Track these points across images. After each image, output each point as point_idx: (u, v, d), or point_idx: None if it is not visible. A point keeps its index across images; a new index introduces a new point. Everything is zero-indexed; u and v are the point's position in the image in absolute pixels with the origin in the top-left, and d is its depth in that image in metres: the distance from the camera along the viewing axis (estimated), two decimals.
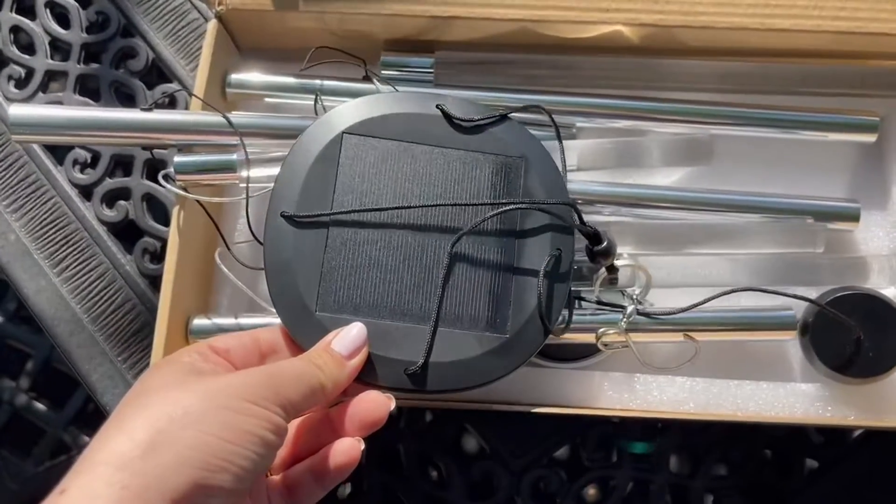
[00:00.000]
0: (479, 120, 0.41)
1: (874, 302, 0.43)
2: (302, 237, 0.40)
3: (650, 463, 0.47)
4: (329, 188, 0.40)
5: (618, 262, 0.42)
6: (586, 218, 0.45)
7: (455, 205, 0.40)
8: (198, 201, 0.44)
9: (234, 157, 0.43)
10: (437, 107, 0.41)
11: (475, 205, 0.40)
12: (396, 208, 0.40)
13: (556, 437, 0.48)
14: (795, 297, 0.42)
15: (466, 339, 0.40)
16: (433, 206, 0.40)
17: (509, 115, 0.42)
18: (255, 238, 0.43)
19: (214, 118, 0.43)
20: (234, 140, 0.43)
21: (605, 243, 0.41)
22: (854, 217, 0.46)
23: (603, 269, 0.42)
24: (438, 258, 0.40)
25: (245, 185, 0.43)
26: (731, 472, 0.47)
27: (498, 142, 0.42)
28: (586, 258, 0.42)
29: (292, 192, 0.40)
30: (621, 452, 0.48)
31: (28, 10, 0.57)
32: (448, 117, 0.41)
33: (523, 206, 0.40)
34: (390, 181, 0.40)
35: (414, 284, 0.40)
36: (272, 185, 0.43)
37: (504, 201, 0.40)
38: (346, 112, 0.41)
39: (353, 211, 0.40)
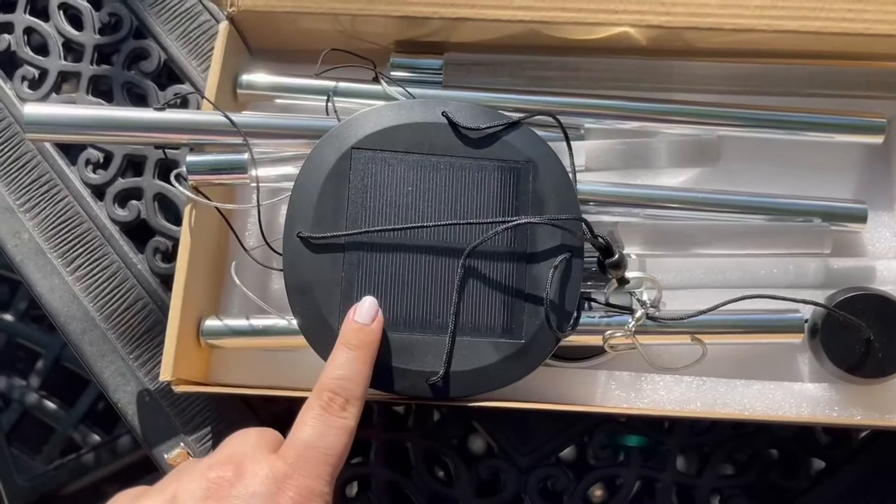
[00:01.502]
0: (484, 128, 0.42)
1: (883, 302, 0.43)
2: (319, 257, 0.40)
3: (657, 462, 0.48)
4: (342, 206, 0.41)
5: (629, 275, 0.43)
6: (595, 218, 0.45)
7: (465, 224, 0.41)
8: (208, 198, 0.45)
9: (245, 156, 0.44)
10: (442, 114, 0.42)
11: (485, 223, 0.41)
12: (407, 228, 0.41)
13: (563, 436, 0.48)
14: (805, 301, 0.42)
15: (484, 346, 0.40)
16: (444, 225, 0.41)
17: (516, 122, 0.42)
18: (266, 241, 0.44)
19: (223, 118, 0.44)
20: (242, 140, 0.44)
21: (616, 256, 0.41)
22: (861, 218, 0.46)
23: (613, 280, 0.43)
24: (452, 270, 0.41)
25: (255, 184, 0.44)
26: (738, 471, 0.47)
27: (505, 146, 0.42)
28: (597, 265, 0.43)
29: (306, 213, 0.41)
30: (627, 451, 0.48)
31: (41, 12, 0.57)
32: (453, 125, 0.42)
33: (533, 221, 0.41)
34: (401, 194, 0.41)
35: (430, 297, 0.41)
36: (283, 189, 0.43)
37: (513, 219, 0.41)
38: (353, 126, 0.42)
39: (367, 231, 0.40)
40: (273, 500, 0.31)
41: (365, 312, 0.39)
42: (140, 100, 0.55)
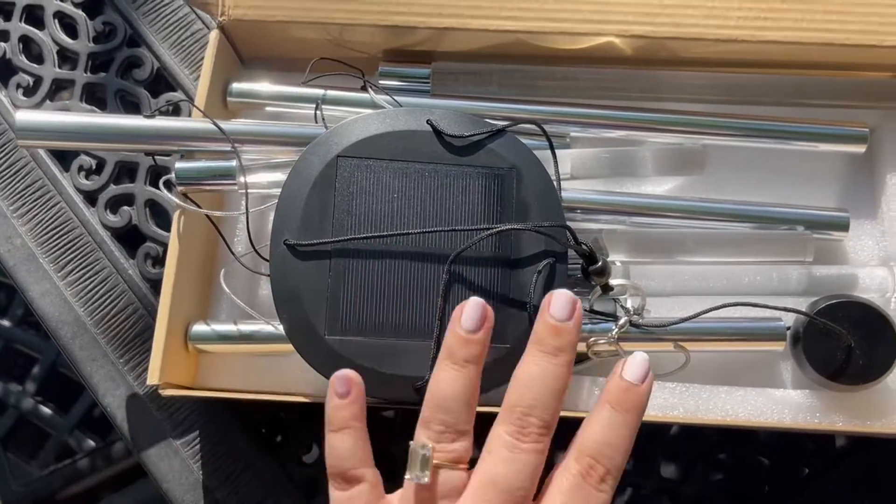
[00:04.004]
0: (468, 136, 0.42)
1: (864, 310, 0.43)
2: (305, 264, 0.41)
3: (641, 468, 0.48)
4: (328, 213, 0.41)
5: (613, 282, 0.43)
6: (580, 226, 0.46)
7: (449, 230, 0.41)
8: (197, 205, 0.45)
9: (234, 163, 0.44)
10: (427, 122, 0.42)
11: (468, 230, 0.41)
12: (393, 235, 0.41)
13: None
14: (786, 309, 0.43)
15: None
16: (429, 232, 0.41)
17: (501, 130, 0.43)
18: (254, 248, 0.44)
19: (212, 126, 0.44)
20: (231, 147, 0.44)
21: (599, 263, 0.42)
22: (843, 226, 0.47)
23: (598, 287, 0.43)
24: (437, 276, 0.41)
25: (244, 191, 0.44)
26: (722, 477, 0.48)
27: (489, 154, 0.42)
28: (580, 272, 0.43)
29: (293, 220, 0.41)
30: None
31: (37, 21, 0.58)
32: (438, 133, 0.42)
33: (517, 227, 0.41)
34: (387, 201, 0.41)
35: (416, 302, 0.41)
36: (273, 196, 0.43)
37: (497, 226, 0.41)
38: (339, 135, 0.42)
39: (353, 239, 0.41)
40: None
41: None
42: (133, 107, 0.56)
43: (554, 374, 0.33)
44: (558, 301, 0.34)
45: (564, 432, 0.48)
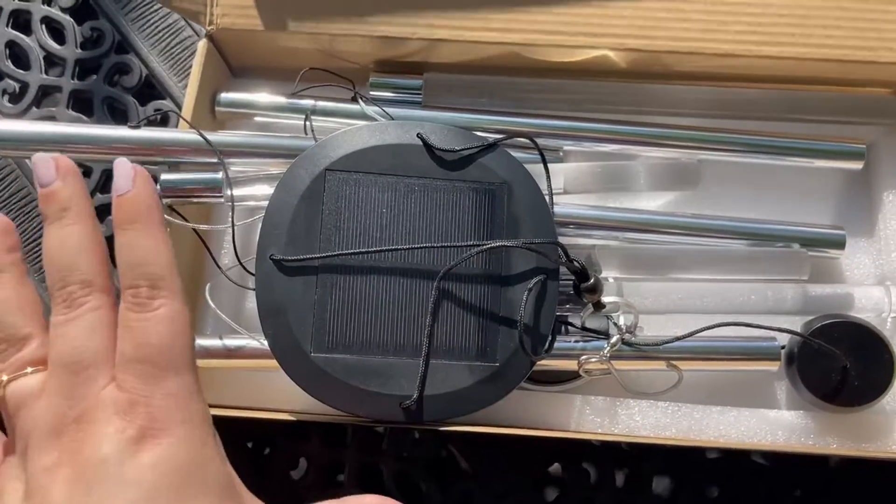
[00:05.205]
0: (459, 150, 0.42)
1: (859, 330, 0.43)
2: (292, 280, 0.40)
3: (632, 487, 0.47)
4: (315, 227, 0.40)
5: (605, 299, 0.42)
6: (573, 241, 0.45)
7: (439, 247, 0.40)
8: (184, 218, 0.44)
9: (220, 175, 0.43)
10: (417, 136, 0.42)
11: (458, 246, 0.40)
12: (381, 251, 0.40)
13: (538, 460, 0.48)
14: (781, 329, 0.42)
15: (458, 369, 0.40)
16: (418, 248, 0.40)
17: (492, 144, 0.42)
18: (240, 262, 0.44)
19: (199, 137, 0.44)
20: (217, 159, 0.43)
21: (591, 280, 0.41)
22: (840, 244, 0.46)
23: (590, 305, 0.42)
24: (426, 293, 0.40)
25: (230, 204, 0.43)
26: (714, 498, 0.47)
27: (480, 168, 0.42)
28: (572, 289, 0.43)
29: (279, 234, 0.40)
30: (602, 476, 0.47)
31: (24, 26, 0.57)
32: (429, 147, 0.42)
33: (508, 244, 0.40)
34: (375, 216, 0.41)
35: (404, 320, 0.40)
36: (261, 208, 0.43)
37: (487, 242, 0.40)
38: (327, 148, 0.42)
39: (340, 254, 0.40)
40: None
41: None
42: (121, 115, 0.55)
43: (68, 234, 0.31)
44: (41, 168, 0.33)
45: (551, 449, 0.47)
